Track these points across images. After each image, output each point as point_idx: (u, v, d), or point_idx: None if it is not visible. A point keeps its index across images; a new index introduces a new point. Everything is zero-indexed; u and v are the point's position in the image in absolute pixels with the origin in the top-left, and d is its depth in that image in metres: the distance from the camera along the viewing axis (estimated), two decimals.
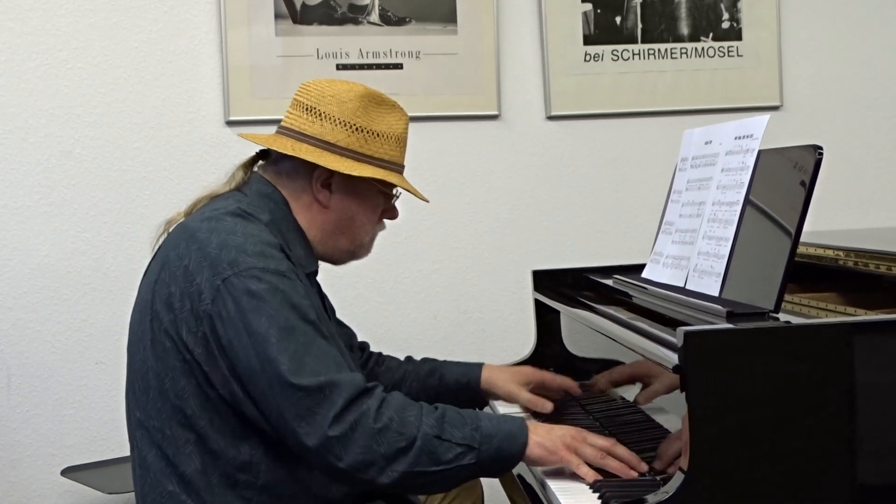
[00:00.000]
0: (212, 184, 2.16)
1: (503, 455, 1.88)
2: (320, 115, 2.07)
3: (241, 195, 2.08)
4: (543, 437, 1.91)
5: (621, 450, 1.94)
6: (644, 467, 1.91)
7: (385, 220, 2.21)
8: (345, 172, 2.04)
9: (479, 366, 2.44)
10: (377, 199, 2.14)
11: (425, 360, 2.48)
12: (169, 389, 1.93)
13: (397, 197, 2.18)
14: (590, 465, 1.90)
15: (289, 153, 2.05)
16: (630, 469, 1.90)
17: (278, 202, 2.07)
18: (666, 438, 1.91)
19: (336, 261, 2.19)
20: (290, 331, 1.85)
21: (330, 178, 2.08)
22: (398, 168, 2.13)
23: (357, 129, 2.06)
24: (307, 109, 2.08)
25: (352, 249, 2.16)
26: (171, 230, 2.08)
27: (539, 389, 2.41)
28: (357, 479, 1.84)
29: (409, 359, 2.49)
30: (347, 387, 1.83)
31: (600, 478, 1.88)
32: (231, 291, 1.87)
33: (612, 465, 1.90)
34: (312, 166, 2.06)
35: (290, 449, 1.90)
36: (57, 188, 3.23)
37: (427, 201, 2.22)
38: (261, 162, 2.17)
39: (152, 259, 2.08)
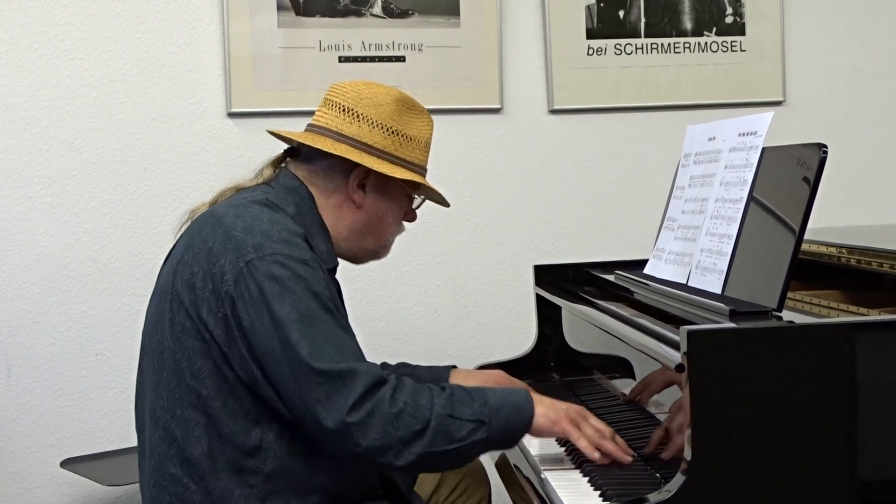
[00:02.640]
0: (229, 177, 2.18)
1: (512, 427, 1.93)
2: (358, 116, 2.11)
3: (268, 188, 2.11)
4: (548, 408, 1.98)
5: (618, 439, 1.99)
6: (629, 460, 1.96)
7: (404, 223, 2.24)
8: (386, 173, 2.09)
9: (448, 369, 2.42)
10: (403, 202, 2.19)
11: (400, 364, 2.46)
12: (185, 370, 1.95)
13: (422, 201, 2.24)
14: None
15: (329, 150, 2.08)
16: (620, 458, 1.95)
17: (304, 197, 2.10)
18: (657, 427, 1.92)
19: (358, 260, 2.23)
20: (311, 318, 1.88)
21: (365, 179, 2.12)
22: (423, 171, 2.19)
23: (393, 132, 2.12)
24: (344, 110, 2.12)
25: (375, 249, 2.21)
26: (196, 218, 2.09)
27: None
28: (374, 463, 1.88)
29: (383, 364, 2.47)
30: (366, 375, 1.86)
31: (598, 455, 1.93)
32: (254, 275, 1.90)
33: (608, 446, 1.95)
34: (350, 166, 2.10)
35: (301, 437, 1.94)
36: (58, 179, 3.22)
37: (448, 205, 2.28)
38: (289, 159, 2.19)
39: (174, 245, 2.10)
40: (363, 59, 3.35)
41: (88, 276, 3.25)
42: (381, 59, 3.36)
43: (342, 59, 3.34)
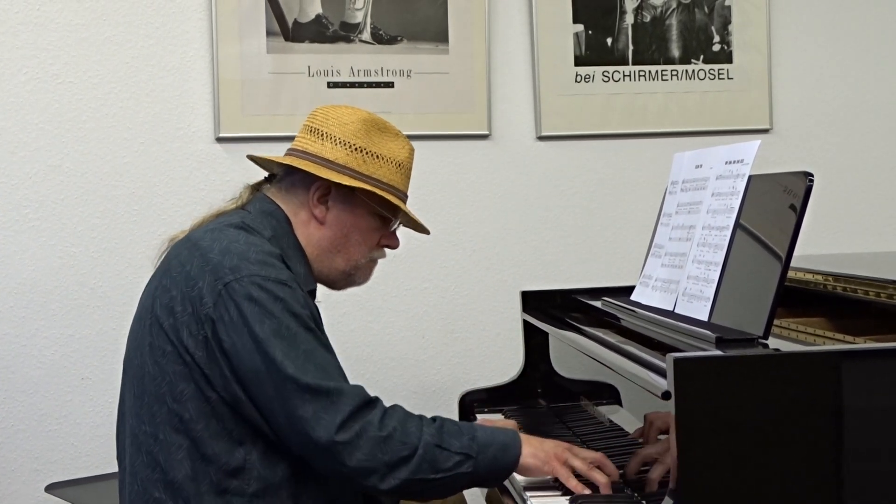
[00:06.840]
0: (217, 202, 2.20)
1: (498, 464, 1.95)
2: (322, 135, 2.13)
3: (244, 212, 2.13)
4: (536, 448, 1.98)
5: (609, 464, 1.99)
6: (609, 491, 1.94)
7: (386, 249, 2.23)
8: (336, 181, 2.09)
9: None
10: (374, 221, 2.17)
11: None
12: (166, 394, 1.95)
13: (397, 225, 2.22)
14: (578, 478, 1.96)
15: (288, 164, 2.11)
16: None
17: (280, 220, 2.12)
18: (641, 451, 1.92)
19: (334, 283, 2.22)
20: (292, 338, 1.90)
21: (327, 195, 2.13)
22: (399, 194, 2.17)
23: (356, 148, 2.12)
24: (312, 131, 2.16)
25: (348, 271, 2.19)
26: (173, 244, 2.11)
27: None
28: (359, 484, 1.91)
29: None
30: (353, 395, 1.90)
31: (588, 491, 1.92)
32: (233, 296, 1.92)
33: (599, 477, 1.95)
34: (310, 181, 2.12)
35: (285, 456, 1.94)
36: (45, 203, 3.22)
37: (428, 233, 2.26)
38: (266, 185, 2.22)
39: (154, 272, 2.11)
40: (352, 85, 3.36)
41: (75, 300, 3.24)
42: (370, 84, 3.37)
43: (331, 85, 3.35)
